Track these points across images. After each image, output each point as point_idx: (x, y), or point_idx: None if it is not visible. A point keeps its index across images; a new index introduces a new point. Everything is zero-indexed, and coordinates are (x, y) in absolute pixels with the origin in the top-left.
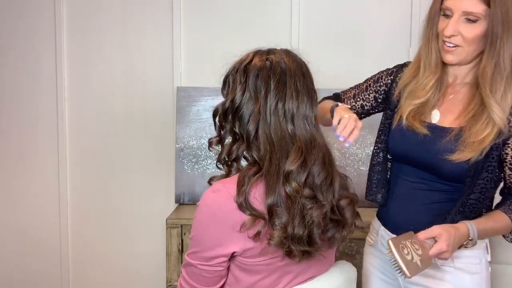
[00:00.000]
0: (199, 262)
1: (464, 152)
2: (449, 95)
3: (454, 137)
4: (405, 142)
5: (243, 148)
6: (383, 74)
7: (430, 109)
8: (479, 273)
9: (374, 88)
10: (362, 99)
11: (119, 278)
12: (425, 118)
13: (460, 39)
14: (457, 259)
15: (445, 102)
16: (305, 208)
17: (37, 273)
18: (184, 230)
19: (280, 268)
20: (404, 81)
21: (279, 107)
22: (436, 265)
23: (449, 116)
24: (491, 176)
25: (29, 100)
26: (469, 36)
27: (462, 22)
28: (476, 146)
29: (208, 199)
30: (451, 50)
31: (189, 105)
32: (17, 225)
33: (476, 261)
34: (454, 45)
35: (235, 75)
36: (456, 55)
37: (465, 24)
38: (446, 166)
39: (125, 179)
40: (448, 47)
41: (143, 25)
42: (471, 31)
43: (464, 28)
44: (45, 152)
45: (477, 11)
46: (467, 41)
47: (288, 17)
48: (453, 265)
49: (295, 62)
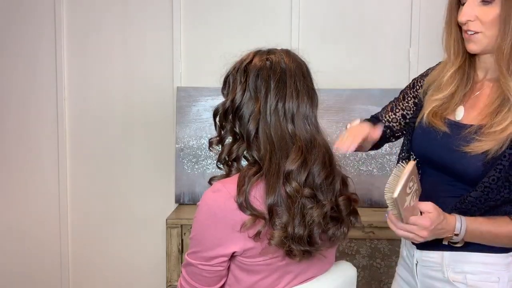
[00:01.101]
0: (199, 262)
1: (481, 142)
2: (477, 91)
3: (473, 132)
4: (425, 141)
5: (243, 148)
6: (418, 77)
7: (454, 106)
8: None
9: (412, 94)
10: (401, 108)
11: (119, 278)
12: (448, 115)
13: (479, 24)
14: (471, 274)
15: (472, 99)
16: (306, 207)
17: (37, 273)
18: (184, 230)
19: (280, 268)
20: (432, 76)
21: (279, 107)
22: (449, 281)
23: (473, 112)
24: (499, 176)
25: (29, 100)
26: (487, 19)
27: (478, 5)
28: (496, 135)
29: (208, 199)
30: (472, 38)
31: (189, 105)
32: (17, 225)
33: (493, 279)
34: (473, 32)
35: (235, 75)
36: (478, 42)
37: (481, 7)
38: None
39: (125, 179)
40: (469, 35)
41: (143, 25)
42: (488, 14)
43: (480, 11)
44: (45, 152)
45: None
46: (485, 25)
47: (288, 17)
48: (465, 281)
49: (295, 62)
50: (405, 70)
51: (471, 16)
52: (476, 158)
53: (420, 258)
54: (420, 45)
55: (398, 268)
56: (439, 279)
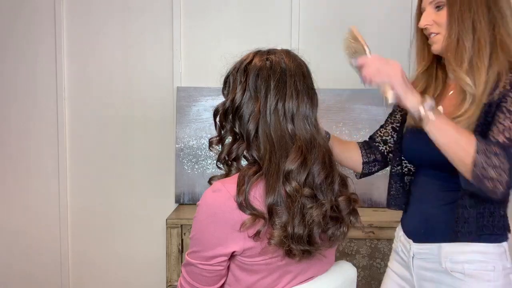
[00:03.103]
0: (199, 262)
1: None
2: (450, 91)
3: None
4: (413, 142)
5: (243, 147)
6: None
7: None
8: (492, 281)
9: (399, 109)
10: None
11: (119, 278)
12: None
13: (436, 26)
14: (468, 264)
15: (446, 99)
16: (305, 207)
17: (37, 273)
18: (184, 230)
19: (280, 268)
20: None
21: (279, 107)
22: (447, 271)
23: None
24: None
25: (29, 100)
26: (442, 21)
27: (433, 12)
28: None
29: (208, 199)
30: (433, 39)
31: (189, 105)
32: (17, 225)
33: (489, 267)
34: (434, 33)
35: (235, 75)
36: (438, 42)
37: (436, 13)
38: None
39: (125, 178)
40: (431, 38)
41: (143, 25)
42: (442, 16)
43: (436, 16)
44: (45, 152)
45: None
46: (442, 26)
47: (288, 17)
48: (463, 271)
49: (295, 62)
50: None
51: (428, 21)
52: None
53: (417, 251)
54: None
55: (390, 263)
56: (436, 270)
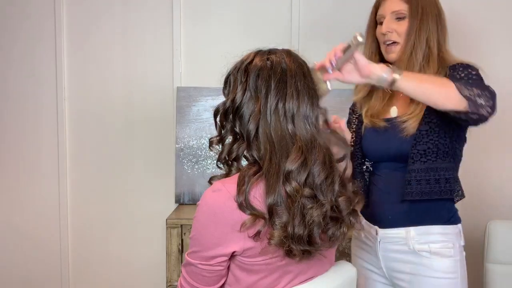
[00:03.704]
0: (199, 262)
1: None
2: (400, 94)
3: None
4: (373, 138)
5: (244, 147)
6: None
7: (388, 108)
8: (453, 257)
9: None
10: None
11: (119, 277)
12: (383, 115)
13: (396, 35)
14: (433, 243)
15: (399, 100)
16: (305, 207)
17: (37, 272)
18: (184, 230)
19: (280, 268)
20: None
21: (279, 107)
22: (414, 251)
23: (402, 109)
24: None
25: (29, 100)
26: (401, 30)
27: (394, 21)
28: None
29: (208, 199)
30: (391, 48)
31: (189, 105)
32: (17, 225)
33: (450, 245)
34: (392, 41)
35: (236, 75)
36: (395, 51)
37: (396, 22)
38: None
39: (125, 179)
40: (389, 47)
41: (143, 25)
42: (402, 26)
43: (396, 25)
44: (45, 152)
45: (401, 8)
46: (401, 35)
47: (288, 17)
48: (429, 249)
49: (296, 62)
50: None
51: (390, 29)
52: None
53: (384, 236)
54: None
55: (355, 251)
56: (403, 252)
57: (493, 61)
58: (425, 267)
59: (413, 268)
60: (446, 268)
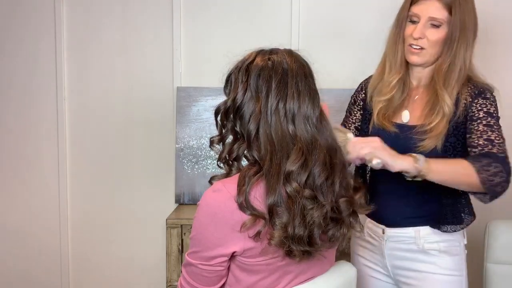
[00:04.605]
0: (200, 262)
1: (426, 141)
2: (415, 96)
3: (418, 130)
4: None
5: (244, 147)
6: (354, 94)
7: (399, 110)
8: (459, 255)
9: (357, 108)
10: (352, 122)
11: (119, 278)
12: (395, 119)
13: (425, 42)
14: (442, 243)
15: (412, 103)
16: (306, 208)
17: (37, 273)
18: (184, 230)
19: (280, 268)
20: (372, 83)
21: (280, 107)
22: (423, 250)
23: (416, 114)
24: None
25: (29, 100)
26: (433, 38)
27: (428, 27)
28: (433, 133)
29: (208, 199)
30: (417, 52)
31: (189, 105)
32: (17, 225)
33: (456, 244)
34: (420, 47)
35: (237, 74)
36: (421, 56)
37: (430, 29)
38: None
39: (125, 179)
40: (415, 49)
41: (143, 25)
42: (435, 35)
43: (429, 32)
44: (45, 152)
45: (440, 17)
46: (431, 43)
47: (288, 17)
48: (438, 248)
49: (297, 62)
50: None
51: (422, 35)
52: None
53: (391, 235)
54: None
55: (356, 249)
56: (411, 250)
57: None
58: (433, 265)
59: (420, 266)
60: (453, 265)
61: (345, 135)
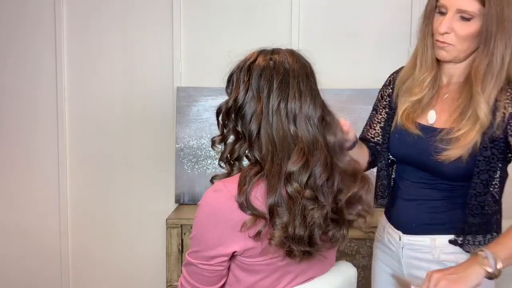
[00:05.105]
0: (200, 262)
1: (451, 151)
2: (444, 95)
3: (444, 136)
4: (402, 143)
5: (245, 147)
6: (382, 89)
7: (426, 109)
8: None
9: (382, 105)
10: (377, 122)
11: (119, 278)
12: (419, 119)
13: (453, 37)
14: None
15: (440, 102)
16: (306, 209)
17: (37, 273)
18: (184, 230)
19: (280, 268)
20: (401, 78)
21: (281, 107)
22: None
23: (444, 116)
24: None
25: (29, 100)
26: (463, 34)
27: (457, 20)
28: (461, 142)
29: (209, 199)
30: (444, 46)
31: (189, 105)
32: (17, 225)
33: None
34: (447, 44)
35: (238, 74)
36: (449, 52)
37: (459, 22)
38: (440, 167)
39: (125, 179)
40: (442, 44)
41: (143, 25)
42: (465, 29)
43: (458, 26)
44: (45, 152)
45: (471, 9)
46: (460, 39)
47: (288, 17)
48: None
49: (299, 62)
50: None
51: (449, 29)
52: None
53: (408, 242)
54: None
55: (378, 254)
56: (426, 260)
57: None
58: None
59: None
60: None
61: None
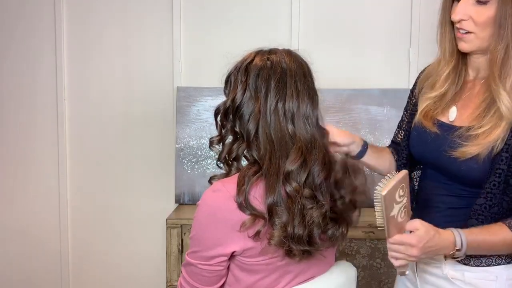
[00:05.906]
0: (199, 262)
1: (468, 147)
2: (468, 91)
3: (462, 133)
4: (419, 141)
5: (244, 147)
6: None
7: (448, 106)
8: None
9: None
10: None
11: (119, 278)
12: (440, 116)
13: (471, 24)
14: (469, 272)
15: (463, 99)
16: (305, 208)
17: (37, 273)
18: (184, 230)
19: (280, 268)
20: (426, 74)
21: (279, 107)
22: (447, 278)
23: (465, 113)
24: (499, 180)
25: (29, 100)
26: (480, 19)
27: (472, 4)
28: (481, 139)
29: (208, 199)
30: (464, 37)
31: (189, 105)
32: (17, 225)
33: (491, 277)
34: (466, 31)
35: (236, 75)
36: (469, 42)
37: (475, 7)
38: (453, 165)
39: (125, 179)
40: (461, 34)
41: (143, 25)
42: (482, 14)
43: (474, 11)
44: (45, 152)
45: None
46: (479, 25)
47: (288, 17)
48: (464, 279)
49: (296, 62)
50: (405, 70)
51: (464, 15)
52: (468, 162)
53: None
54: (420, 45)
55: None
56: (437, 275)
57: None
58: None
59: None
60: None
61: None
